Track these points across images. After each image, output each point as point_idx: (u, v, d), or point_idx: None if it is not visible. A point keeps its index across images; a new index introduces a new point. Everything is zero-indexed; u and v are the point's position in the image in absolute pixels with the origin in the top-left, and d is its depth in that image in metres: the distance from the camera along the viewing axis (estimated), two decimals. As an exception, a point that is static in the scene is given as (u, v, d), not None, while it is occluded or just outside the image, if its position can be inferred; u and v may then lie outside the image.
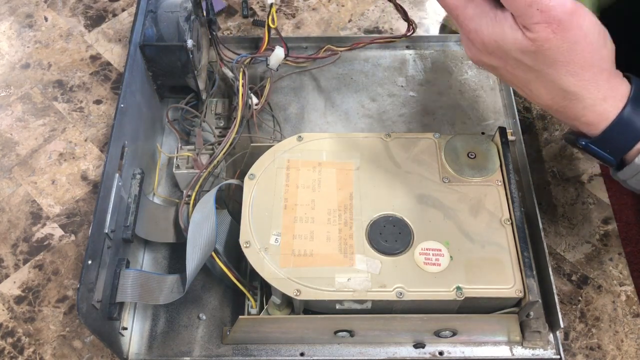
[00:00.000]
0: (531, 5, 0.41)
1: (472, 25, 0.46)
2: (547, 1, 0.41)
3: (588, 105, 0.45)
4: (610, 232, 0.66)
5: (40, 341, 0.60)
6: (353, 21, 0.84)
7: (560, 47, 0.42)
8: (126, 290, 0.55)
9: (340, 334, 0.55)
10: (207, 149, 0.65)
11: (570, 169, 0.70)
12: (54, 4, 0.87)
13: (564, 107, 0.46)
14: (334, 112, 0.74)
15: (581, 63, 0.43)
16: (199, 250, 0.55)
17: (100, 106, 0.76)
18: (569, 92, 0.45)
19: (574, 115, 0.46)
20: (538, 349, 0.57)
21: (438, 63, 0.78)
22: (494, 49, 0.45)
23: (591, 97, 0.44)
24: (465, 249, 0.54)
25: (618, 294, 0.62)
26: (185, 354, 0.58)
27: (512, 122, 0.71)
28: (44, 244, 0.66)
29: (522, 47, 0.43)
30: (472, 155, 0.60)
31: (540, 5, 0.41)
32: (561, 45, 0.42)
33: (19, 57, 0.81)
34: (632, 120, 0.45)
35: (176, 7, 0.64)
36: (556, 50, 0.43)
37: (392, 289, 0.52)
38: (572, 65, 0.43)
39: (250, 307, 0.56)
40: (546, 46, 0.43)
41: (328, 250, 0.54)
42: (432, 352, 0.58)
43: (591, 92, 0.44)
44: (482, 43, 0.46)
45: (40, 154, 0.72)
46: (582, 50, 0.43)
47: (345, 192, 0.58)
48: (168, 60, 0.65)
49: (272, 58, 0.68)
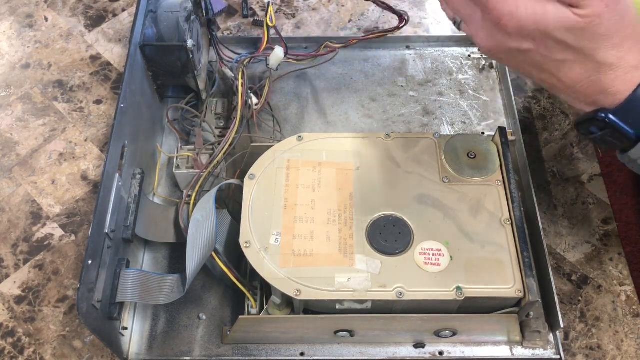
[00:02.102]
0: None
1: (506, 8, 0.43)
2: None
3: (620, 74, 0.44)
4: (610, 232, 0.66)
5: (41, 341, 0.60)
6: (353, 21, 0.84)
7: (610, 20, 0.41)
8: (126, 290, 0.55)
9: (340, 334, 0.55)
10: (207, 149, 0.65)
11: (570, 169, 0.70)
12: (54, 4, 0.87)
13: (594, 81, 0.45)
14: (334, 112, 0.74)
15: (625, 34, 0.42)
16: (199, 250, 0.55)
17: (100, 106, 0.76)
18: (605, 64, 0.43)
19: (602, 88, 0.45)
20: (538, 349, 0.57)
21: (438, 63, 0.78)
22: (531, 30, 0.43)
23: (625, 66, 0.43)
24: (465, 249, 0.54)
25: (618, 294, 0.62)
26: (185, 354, 0.58)
27: (512, 122, 0.71)
28: (44, 244, 0.66)
29: (569, 24, 0.42)
30: (472, 155, 0.60)
31: None
32: (611, 18, 0.41)
33: (19, 57, 0.81)
34: None
35: (176, 7, 0.64)
36: (607, 23, 0.41)
37: (392, 289, 0.52)
38: (616, 38, 0.42)
39: (250, 307, 0.56)
40: (597, 21, 0.41)
41: (328, 250, 0.54)
42: (432, 352, 0.58)
43: (627, 61, 0.43)
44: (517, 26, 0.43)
45: (41, 154, 0.73)
46: (628, 21, 0.42)
47: (345, 192, 0.58)
48: (168, 60, 0.65)
49: (271, 58, 0.67)
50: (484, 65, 0.78)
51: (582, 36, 0.42)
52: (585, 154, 0.71)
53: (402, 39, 0.80)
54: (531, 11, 0.42)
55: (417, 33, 0.82)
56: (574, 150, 0.72)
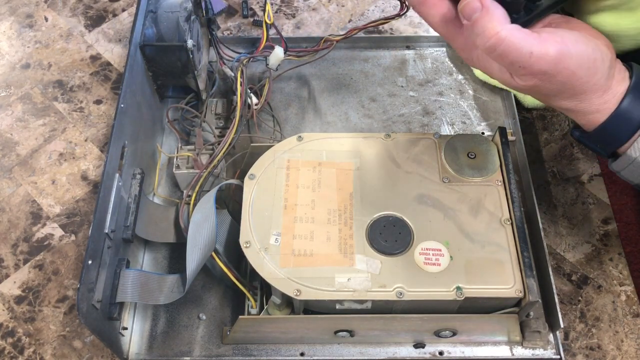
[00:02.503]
0: (512, 63, 0.41)
1: (462, 54, 0.47)
2: (528, 58, 0.40)
3: (580, 116, 0.47)
4: (610, 232, 0.66)
5: (41, 341, 0.60)
6: (353, 21, 0.84)
7: (550, 87, 0.43)
8: (126, 290, 0.55)
9: (340, 334, 0.55)
10: (207, 149, 0.65)
11: (570, 169, 0.70)
12: (54, 4, 0.87)
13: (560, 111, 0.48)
14: (334, 112, 0.74)
15: (573, 92, 0.44)
16: (199, 250, 0.55)
17: (100, 106, 0.76)
18: (562, 108, 0.47)
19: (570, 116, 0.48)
20: (538, 349, 0.57)
21: (438, 63, 0.78)
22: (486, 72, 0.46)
23: (584, 110, 0.46)
24: (465, 249, 0.54)
25: (618, 294, 0.62)
26: (185, 354, 0.58)
27: (512, 122, 0.71)
28: (44, 244, 0.66)
29: (512, 86, 0.45)
30: (472, 155, 0.60)
31: (522, 62, 0.41)
32: (550, 86, 0.43)
33: (19, 57, 0.81)
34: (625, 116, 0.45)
35: (176, 7, 0.64)
36: (546, 90, 0.44)
37: (392, 289, 0.52)
38: (564, 94, 0.45)
39: (250, 307, 0.56)
40: (535, 89, 0.44)
41: (328, 250, 0.54)
42: (432, 352, 0.58)
43: (584, 108, 0.46)
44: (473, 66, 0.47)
45: (41, 154, 0.73)
46: (572, 84, 0.43)
47: (345, 192, 0.58)
48: (168, 60, 0.65)
49: (271, 58, 0.68)
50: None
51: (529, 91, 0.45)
52: (585, 154, 0.71)
53: (402, 39, 0.80)
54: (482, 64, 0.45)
55: (417, 33, 0.82)
56: (574, 150, 0.72)
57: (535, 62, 0.41)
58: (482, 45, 0.41)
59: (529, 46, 0.40)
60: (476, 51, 0.44)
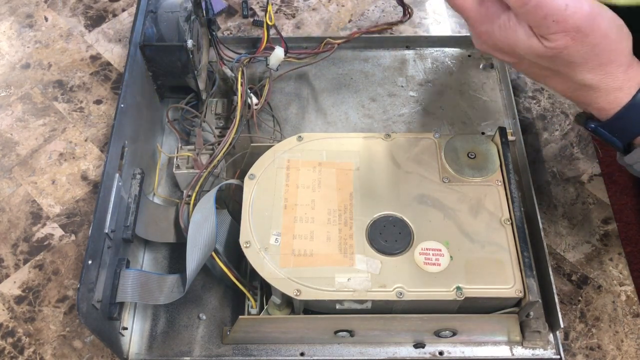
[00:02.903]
0: (546, 17, 0.40)
1: (483, 28, 0.45)
2: (563, 11, 0.39)
3: (602, 94, 0.45)
4: (610, 232, 0.66)
5: (41, 341, 0.60)
6: (353, 21, 0.84)
7: (580, 50, 0.42)
8: (126, 290, 0.55)
9: (340, 334, 0.55)
10: (207, 149, 0.65)
11: (570, 169, 0.70)
12: (54, 4, 0.87)
13: (578, 95, 0.46)
14: (334, 112, 0.74)
15: (600, 61, 0.43)
16: (199, 250, 0.55)
17: (100, 106, 0.76)
18: (585, 84, 0.45)
19: (587, 102, 0.46)
20: (538, 349, 0.57)
21: (438, 63, 0.78)
22: (507, 51, 0.45)
23: (607, 87, 0.44)
24: (465, 249, 0.54)
25: (618, 294, 0.62)
26: (185, 354, 0.58)
27: (512, 122, 0.71)
28: (44, 244, 0.66)
29: (538, 53, 0.43)
30: (472, 155, 0.60)
31: (556, 16, 0.40)
32: (581, 49, 0.42)
33: (19, 57, 0.81)
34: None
35: (176, 7, 0.64)
36: (576, 54, 0.42)
37: (392, 289, 0.52)
38: (591, 64, 0.43)
39: (250, 307, 0.56)
40: (565, 52, 0.42)
41: (328, 250, 0.54)
42: (432, 352, 0.58)
43: (607, 84, 0.44)
44: (494, 44, 0.45)
45: (41, 154, 0.73)
46: (601, 50, 0.42)
47: (345, 192, 0.58)
48: (168, 60, 0.65)
49: (271, 58, 0.68)
50: (484, 65, 0.78)
51: (554, 61, 0.44)
52: (585, 154, 0.71)
53: (402, 39, 0.80)
54: (504, 34, 0.44)
55: (417, 33, 0.82)
56: (574, 150, 0.72)
57: (570, 15, 0.39)
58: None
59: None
60: (498, 20, 0.43)
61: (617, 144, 0.48)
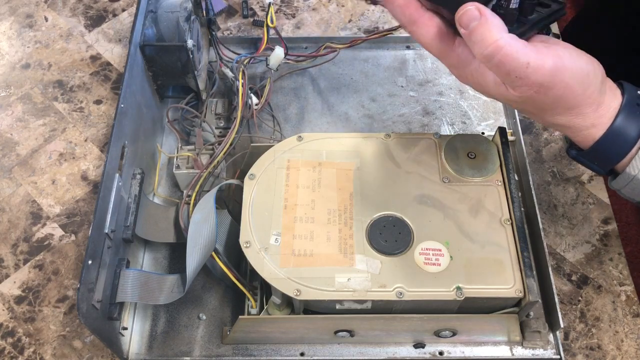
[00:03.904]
0: (509, 73, 0.41)
1: (456, 72, 0.46)
2: (525, 69, 0.40)
3: (575, 131, 0.46)
4: (610, 232, 0.66)
5: (41, 341, 0.60)
6: (353, 21, 0.84)
7: (545, 101, 0.43)
8: (126, 290, 0.55)
9: (340, 334, 0.55)
10: (207, 149, 0.65)
11: (570, 169, 0.70)
12: (54, 4, 0.87)
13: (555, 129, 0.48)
14: (334, 112, 0.74)
15: (567, 107, 0.44)
16: (199, 250, 0.55)
17: (100, 106, 0.76)
18: (556, 124, 0.46)
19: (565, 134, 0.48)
20: (538, 349, 0.57)
21: (438, 63, 0.78)
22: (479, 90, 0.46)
23: (578, 126, 0.46)
24: (465, 249, 0.54)
25: (618, 294, 0.62)
26: (185, 354, 0.58)
27: (512, 122, 0.71)
28: (44, 244, 0.66)
29: (508, 98, 0.44)
30: (472, 155, 0.60)
31: (519, 73, 0.41)
32: (545, 99, 0.43)
33: (19, 57, 0.81)
34: (620, 132, 0.45)
35: (176, 7, 0.64)
36: (541, 103, 0.44)
37: (392, 289, 0.52)
38: (558, 109, 0.44)
39: (250, 307, 0.56)
40: (530, 101, 0.44)
41: (328, 250, 0.54)
42: (432, 352, 0.58)
43: (578, 123, 0.45)
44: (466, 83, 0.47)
45: (41, 154, 0.73)
46: (566, 98, 0.43)
47: (345, 192, 0.58)
48: (168, 60, 0.65)
49: (271, 58, 0.68)
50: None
51: (525, 105, 0.45)
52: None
53: (402, 39, 0.80)
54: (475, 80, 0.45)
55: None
56: (574, 150, 0.72)
57: (532, 73, 0.41)
58: (479, 53, 0.41)
59: (526, 57, 0.40)
60: (470, 67, 0.44)
61: (599, 172, 0.49)
